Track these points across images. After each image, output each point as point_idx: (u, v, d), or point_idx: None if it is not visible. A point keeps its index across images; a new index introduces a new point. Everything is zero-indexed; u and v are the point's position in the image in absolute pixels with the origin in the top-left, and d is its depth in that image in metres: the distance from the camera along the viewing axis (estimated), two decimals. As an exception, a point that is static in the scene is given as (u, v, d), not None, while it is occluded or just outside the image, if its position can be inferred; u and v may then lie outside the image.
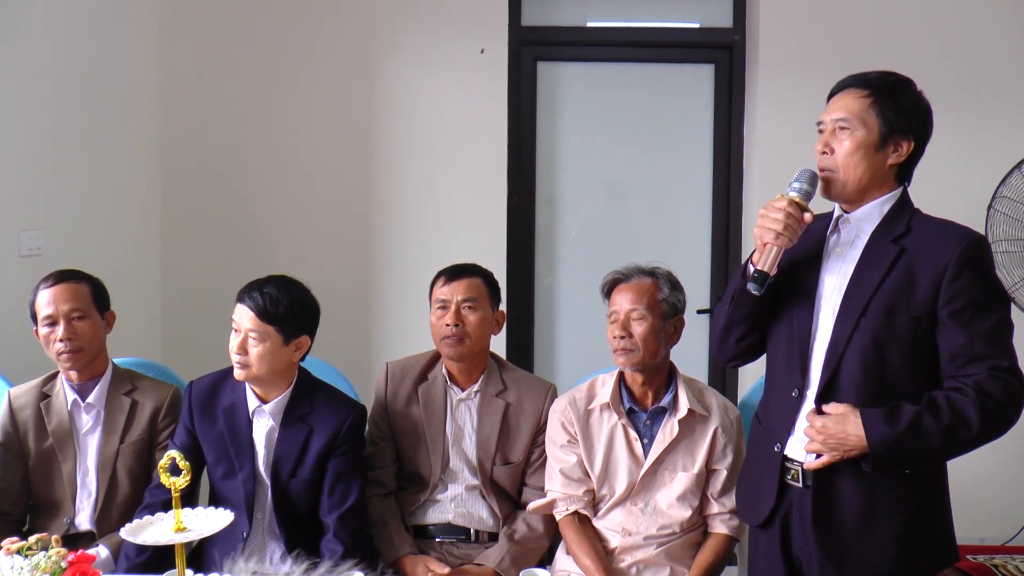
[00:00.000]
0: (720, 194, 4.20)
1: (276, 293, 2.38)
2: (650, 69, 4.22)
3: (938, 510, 1.98)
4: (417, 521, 2.63)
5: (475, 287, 2.65)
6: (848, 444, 1.87)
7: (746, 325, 2.10)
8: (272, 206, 4.04)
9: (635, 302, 2.43)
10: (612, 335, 2.44)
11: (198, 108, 3.99)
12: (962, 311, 1.84)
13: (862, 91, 1.95)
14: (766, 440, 2.08)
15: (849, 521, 1.93)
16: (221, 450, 2.45)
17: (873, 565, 1.93)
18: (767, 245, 1.94)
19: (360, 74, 4.01)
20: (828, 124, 1.98)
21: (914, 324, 1.87)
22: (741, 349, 2.16)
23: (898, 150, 1.94)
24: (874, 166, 1.93)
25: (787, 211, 1.92)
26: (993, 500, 3.89)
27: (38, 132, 3.21)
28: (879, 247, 1.93)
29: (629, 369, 2.45)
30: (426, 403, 2.67)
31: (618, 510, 2.48)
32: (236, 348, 2.37)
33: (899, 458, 1.87)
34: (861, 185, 1.94)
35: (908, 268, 1.88)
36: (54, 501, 2.56)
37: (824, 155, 1.97)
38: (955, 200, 3.71)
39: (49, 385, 2.61)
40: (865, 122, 1.92)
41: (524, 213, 4.18)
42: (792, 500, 2.02)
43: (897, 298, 1.88)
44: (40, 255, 3.15)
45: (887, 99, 1.93)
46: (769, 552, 2.08)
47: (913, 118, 1.94)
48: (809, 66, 3.91)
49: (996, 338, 1.85)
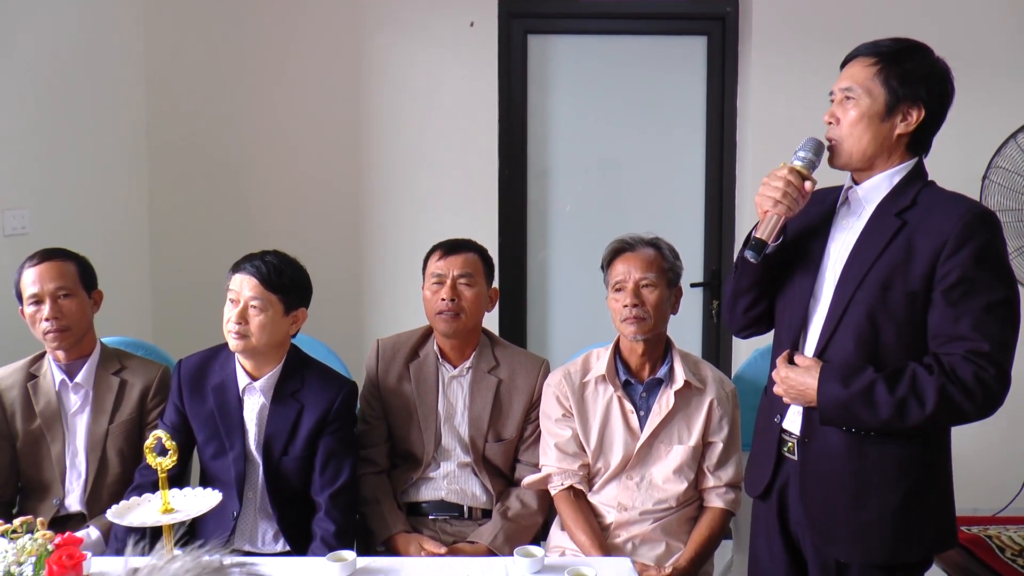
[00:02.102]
0: (713, 167, 4.17)
1: (278, 262, 2.37)
2: (642, 41, 4.17)
3: (937, 489, 1.93)
4: (410, 499, 2.62)
5: (471, 262, 2.63)
6: (807, 396, 1.89)
7: (752, 295, 2.08)
8: (261, 182, 4.00)
9: (644, 270, 2.41)
10: (622, 304, 2.41)
11: (184, 85, 3.94)
12: (953, 288, 1.79)
13: (870, 59, 1.91)
14: (768, 410, 2.08)
15: (839, 496, 1.91)
16: (211, 429, 2.43)
17: (866, 545, 1.90)
18: (767, 213, 1.92)
19: (348, 48, 3.96)
20: (837, 94, 1.95)
21: (909, 300, 1.83)
22: (750, 319, 2.14)
23: (907, 119, 1.89)
24: (880, 136, 1.89)
25: (787, 179, 1.90)
26: (986, 470, 3.89)
27: (22, 110, 3.16)
28: (882, 219, 1.90)
29: (640, 338, 2.42)
30: (417, 381, 2.65)
31: (613, 484, 2.47)
32: (235, 318, 2.34)
33: (846, 420, 1.86)
34: (866, 155, 1.91)
35: (908, 242, 1.84)
36: (43, 483, 2.54)
37: (831, 125, 1.95)
38: (949, 171, 3.69)
39: (36, 365, 2.58)
40: (870, 91, 1.89)
41: (516, 188, 4.15)
42: (788, 473, 2.01)
43: (894, 272, 1.84)
44: (25, 234, 3.11)
45: (893, 67, 1.88)
46: (768, 526, 2.08)
47: (922, 85, 1.88)
48: (803, 37, 3.88)
49: (983, 321, 1.77)
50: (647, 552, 2.40)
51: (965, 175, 3.62)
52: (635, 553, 2.39)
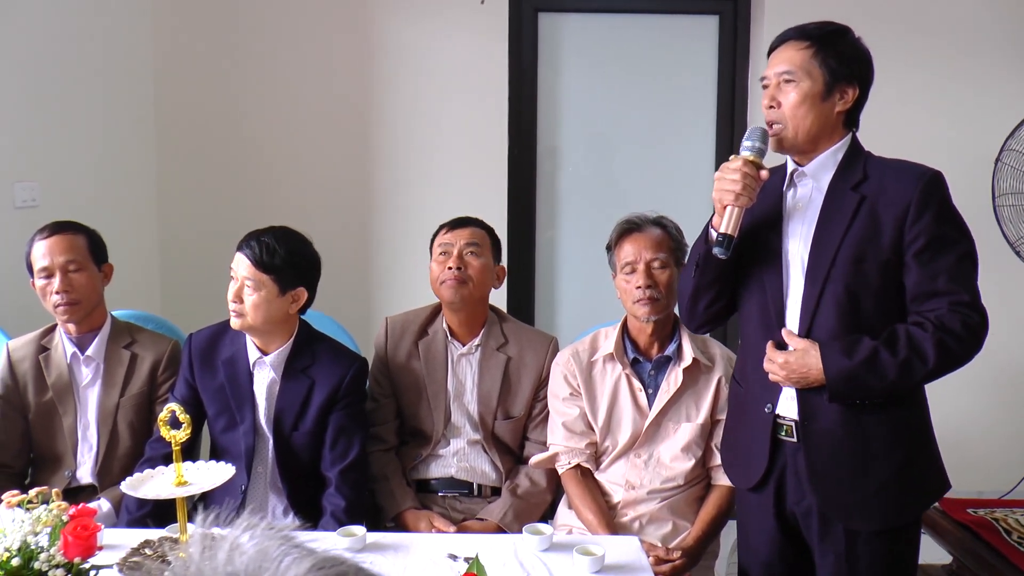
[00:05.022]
0: (723, 147, 4.15)
1: (273, 243, 2.36)
2: (653, 20, 4.15)
3: (928, 446, 2.01)
4: (419, 476, 2.63)
5: (478, 235, 2.64)
6: (810, 378, 1.91)
7: (714, 290, 2.09)
8: (270, 157, 4.00)
9: (655, 250, 2.41)
10: (634, 285, 2.40)
11: (193, 58, 3.93)
12: (924, 250, 1.86)
13: (803, 43, 1.97)
14: (751, 402, 2.08)
15: (845, 468, 1.94)
16: (222, 403, 2.44)
17: (873, 507, 1.95)
18: (727, 207, 1.94)
19: (358, 26, 3.95)
20: (772, 78, 1.98)
21: (883, 268, 1.89)
22: (711, 315, 2.15)
23: (844, 97, 1.95)
24: (822, 115, 1.95)
25: (743, 171, 1.92)
26: (992, 453, 3.91)
27: (31, 83, 3.15)
28: (839, 197, 1.94)
29: (653, 319, 2.42)
30: (427, 358, 2.66)
31: (621, 462, 2.47)
32: (232, 296, 2.36)
33: (856, 390, 1.89)
34: (811, 136, 1.95)
35: (871, 214, 1.90)
36: (55, 454, 2.55)
37: (771, 109, 1.97)
38: (962, 153, 3.69)
39: (48, 338, 2.58)
40: (809, 73, 1.94)
41: (525, 165, 4.14)
42: (786, 457, 2.02)
43: (864, 245, 1.89)
44: (35, 206, 3.11)
45: (828, 48, 1.95)
46: (761, 511, 2.09)
47: (855, 65, 1.96)
48: (815, 17, 3.79)
49: (957, 274, 1.86)
50: (654, 531, 2.41)
51: (978, 157, 3.61)
52: (642, 532, 2.39)
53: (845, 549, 1.97)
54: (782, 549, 2.09)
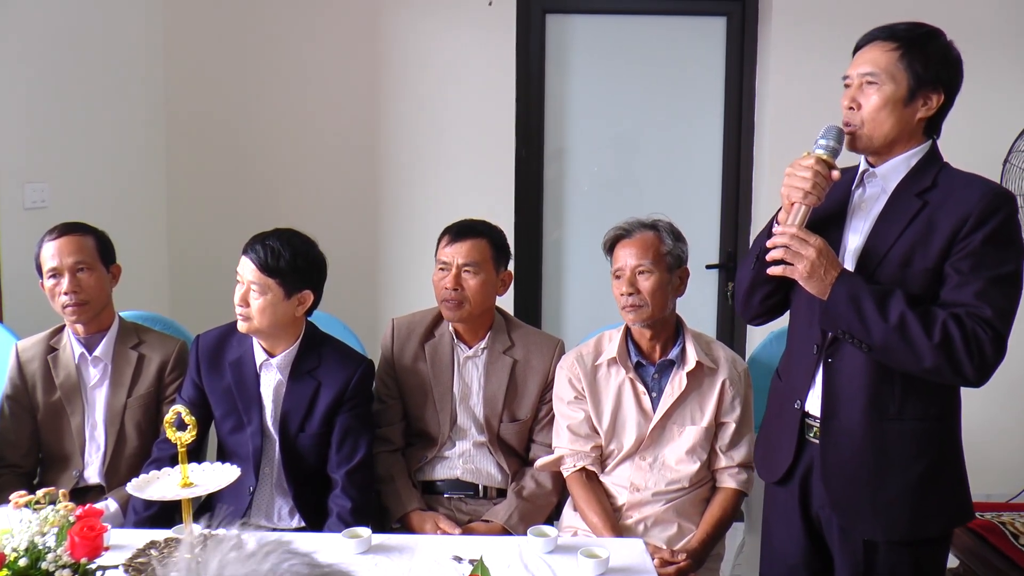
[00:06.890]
0: (731, 148, 4.15)
1: (278, 246, 2.36)
2: (661, 21, 4.14)
3: (952, 465, 1.96)
4: (425, 477, 2.64)
5: (478, 249, 2.59)
6: (812, 268, 1.84)
7: (771, 284, 2.06)
8: (279, 158, 4.01)
9: (640, 257, 2.40)
10: (619, 292, 2.42)
11: (202, 59, 3.94)
12: (962, 261, 1.81)
13: (890, 44, 1.89)
14: (787, 397, 2.07)
15: (860, 475, 1.92)
16: (229, 404, 2.45)
17: (889, 522, 1.92)
18: (795, 204, 1.90)
19: (366, 26, 3.95)
20: (855, 78, 1.92)
21: (925, 276, 1.84)
22: (766, 308, 2.14)
23: (927, 103, 1.89)
24: (902, 120, 1.89)
25: (815, 169, 1.87)
26: (999, 456, 3.89)
27: (41, 84, 3.17)
28: (902, 201, 1.89)
29: (639, 325, 2.43)
30: (433, 360, 2.66)
31: (626, 465, 2.47)
32: (238, 300, 2.36)
33: (849, 313, 1.82)
34: (888, 140, 1.90)
35: (929, 221, 1.85)
36: (63, 454, 2.57)
37: (851, 110, 1.92)
38: (971, 154, 3.66)
39: (56, 338, 2.60)
40: (893, 76, 1.87)
41: (532, 167, 4.14)
42: (812, 457, 2.01)
43: (915, 249, 1.85)
44: (45, 207, 3.13)
45: (916, 52, 1.87)
46: (787, 510, 2.08)
47: (942, 70, 1.88)
48: (823, 18, 3.84)
49: (987, 290, 1.79)
50: (659, 533, 2.41)
51: (986, 158, 3.59)
52: (647, 534, 2.40)
53: (864, 559, 1.95)
54: (807, 555, 2.07)
